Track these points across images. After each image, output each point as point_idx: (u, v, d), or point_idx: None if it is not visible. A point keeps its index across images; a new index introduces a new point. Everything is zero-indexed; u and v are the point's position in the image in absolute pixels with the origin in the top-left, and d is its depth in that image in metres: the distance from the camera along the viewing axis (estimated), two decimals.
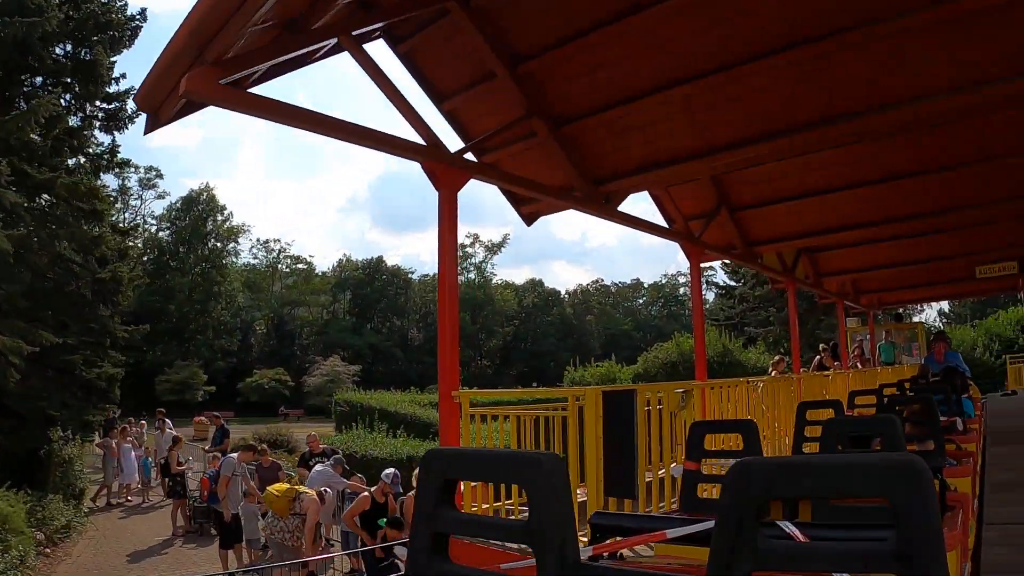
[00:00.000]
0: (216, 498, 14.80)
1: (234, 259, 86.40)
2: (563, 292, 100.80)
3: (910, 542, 1.30)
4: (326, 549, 13.80)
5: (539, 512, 1.54)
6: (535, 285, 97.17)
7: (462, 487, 6.57)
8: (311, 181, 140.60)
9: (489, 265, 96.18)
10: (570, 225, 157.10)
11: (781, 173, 12.97)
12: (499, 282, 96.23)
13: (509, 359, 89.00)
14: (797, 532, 2.06)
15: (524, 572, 2.06)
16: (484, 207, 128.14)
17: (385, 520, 11.14)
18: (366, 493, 11.91)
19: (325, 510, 12.98)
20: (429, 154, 7.87)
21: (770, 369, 16.11)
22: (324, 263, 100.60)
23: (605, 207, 10.46)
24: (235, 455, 15.23)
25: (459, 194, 7.98)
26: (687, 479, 4.46)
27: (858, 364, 19.66)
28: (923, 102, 8.13)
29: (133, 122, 35.64)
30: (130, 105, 33.64)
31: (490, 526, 2.11)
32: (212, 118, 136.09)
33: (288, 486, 12.51)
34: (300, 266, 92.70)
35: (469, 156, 8.96)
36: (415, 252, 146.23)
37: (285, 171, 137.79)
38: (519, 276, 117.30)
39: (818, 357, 17.83)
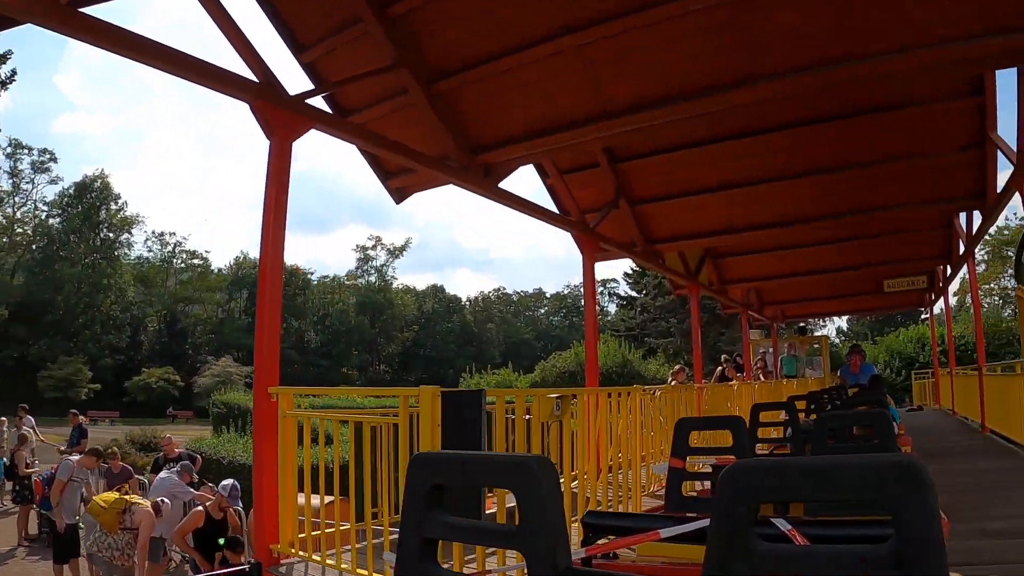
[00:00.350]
0: (50, 503, 13.06)
1: (127, 251, 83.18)
2: (464, 299, 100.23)
3: (909, 546, 1.29)
4: (180, 569, 12.23)
5: (530, 518, 1.54)
6: (436, 291, 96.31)
7: None
8: (220, 176, 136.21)
9: (391, 269, 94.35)
10: (475, 234, 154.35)
11: (687, 162, 12.08)
12: (400, 286, 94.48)
13: (408, 365, 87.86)
14: (794, 531, 1.99)
15: None
16: (388, 210, 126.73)
17: (223, 540, 9.64)
18: (200, 508, 10.31)
19: (166, 524, 11.30)
20: (261, 94, 6.40)
21: (669, 379, 15.16)
22: (223, 260, 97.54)
23: (484, 182, 9.07)
24: (74, 458, 13.56)
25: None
26: (672, 477, 4.43)
27: (760, 376, 18.95)
28: (859, 64, 7.25)
29: (6, 87, 33.29)
30: (4, 70, 31.27)
31: (480, 532, 2.05)
32: (122, 104, 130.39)
33: (117, 496, 10.81)
34: (195, 262, 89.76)
35: (320, 105, 7.43)
36: (317, 255, 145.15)
37: (194, 164, 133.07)
38: (422, 282, 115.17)
39: (720, 368, 17.09)
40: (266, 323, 6.35)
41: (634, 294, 55.88)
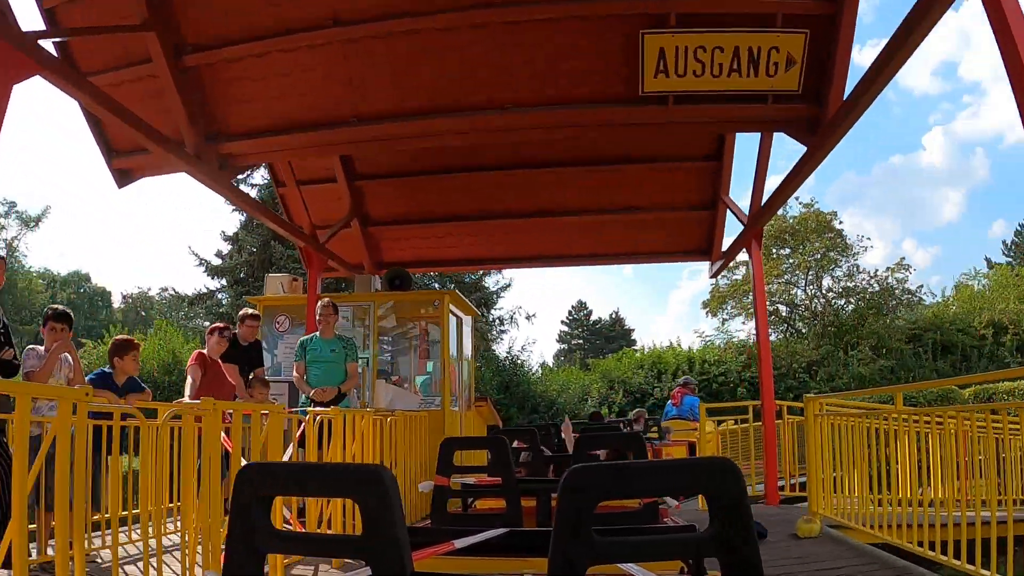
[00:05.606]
0: None
1: None
2: (118, 295, 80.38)
3: (729, 529, 1.51)
4: None
5: (378, 527, 1.55)
6: (80, 279, 75.19)
7: None
8: None
9: (23, 244, 72.86)
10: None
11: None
12: (40, 269, 71.74)
13: None
14: None
15: None
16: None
17: None
18: None
19: None
20: None
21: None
22: None
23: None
24: None
25: None
26: (438, 494, 4.51)
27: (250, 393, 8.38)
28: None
29: None
30: None
31: (320, 542, 2.12)
32: None
33: None
34: None
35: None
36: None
37: None
38: (68, 268, 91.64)
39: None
40: None
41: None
